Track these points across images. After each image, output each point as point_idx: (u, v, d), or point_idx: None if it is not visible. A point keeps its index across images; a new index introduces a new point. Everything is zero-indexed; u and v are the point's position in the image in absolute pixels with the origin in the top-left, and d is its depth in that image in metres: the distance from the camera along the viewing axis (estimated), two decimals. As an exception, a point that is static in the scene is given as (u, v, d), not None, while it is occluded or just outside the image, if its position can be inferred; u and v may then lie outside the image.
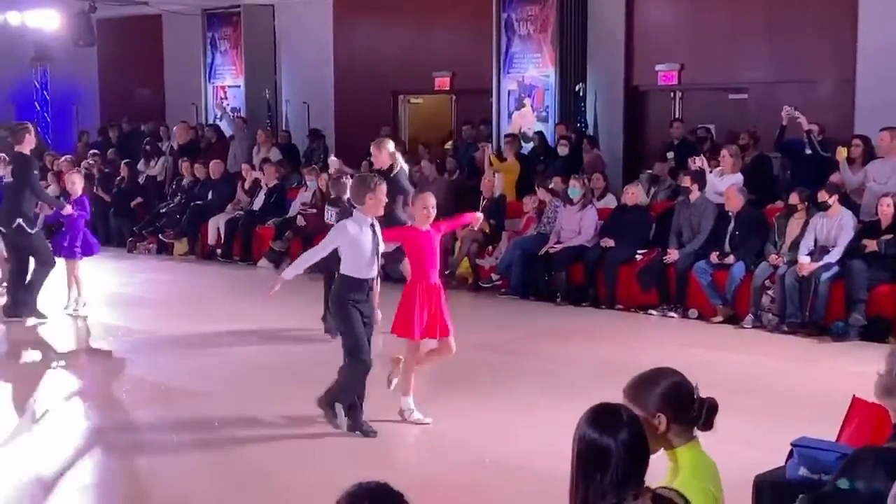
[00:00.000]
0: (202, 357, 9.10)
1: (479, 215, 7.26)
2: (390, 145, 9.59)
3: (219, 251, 15.38)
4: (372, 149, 9.57)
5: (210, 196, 16.05)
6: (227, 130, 18.38)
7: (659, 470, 3.05)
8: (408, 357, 6.85)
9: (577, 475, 2.76)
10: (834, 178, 10.57)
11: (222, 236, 15.38)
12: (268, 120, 18.61)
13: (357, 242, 6.51)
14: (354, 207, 6.85)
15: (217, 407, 7.39)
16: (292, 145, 17.87)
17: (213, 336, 9.82)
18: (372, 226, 6.60)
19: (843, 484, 3.11)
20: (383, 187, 6.61)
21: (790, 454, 4.31)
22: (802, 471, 4.16)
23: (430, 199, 6.84)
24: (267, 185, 15.38)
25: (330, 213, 9.57)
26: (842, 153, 10.59)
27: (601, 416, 2.80)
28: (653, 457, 2.86)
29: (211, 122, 19.30)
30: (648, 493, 2.78)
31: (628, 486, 2.73)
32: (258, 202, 15.40)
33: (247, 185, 15.78)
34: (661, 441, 3.08)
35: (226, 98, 19.80)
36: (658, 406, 3.07)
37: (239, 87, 19.51)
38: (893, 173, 10.44)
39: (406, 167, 9.81)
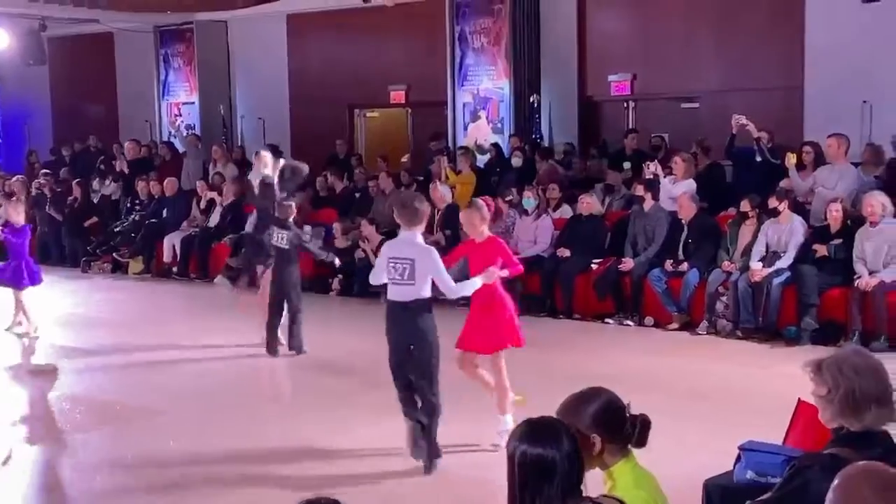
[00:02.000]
0: (160, 376, 9.05)
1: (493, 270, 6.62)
2: (269, 157, 10.23)
3: (175, 269, 15.32)
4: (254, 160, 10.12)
5: (165, 214, 15.99)
6: (181, 147, 18.30)
7: (596, 483, 3.10)
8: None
9: (521, 491, 2.80)
10: (784, 183, 10.74)
11: (178, 254, 15.32)
12: (223, 136, 18.57)
13: None
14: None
15: (173, 426, 7.36)
16: (248, 161, 17.79)
17: (170, 355, 9.78)
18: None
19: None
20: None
21: (738, 458, 4.38)
22: (750, 474, 4.23)
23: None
24: (223, 203, 15.33)
25: (281, 237, 9.54)
26: (790, 159, 10.76)
27: (540, 430, 2.85)
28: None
29: (165, 139, 19.21)
30: (588, 503, 2.84)
31: (571, 497, 2.79)
32: (214, 219, 15.35)
33: (202, 203, 15.73)
34: (596, 460, 3.12)
35: (179, 115, 19.73)
36: (591, 426, 3.11)
37: (193, 103, 19.44)
38: (841, 179, 10.62)
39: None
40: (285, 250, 9.52)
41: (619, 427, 3.20)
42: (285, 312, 9.59)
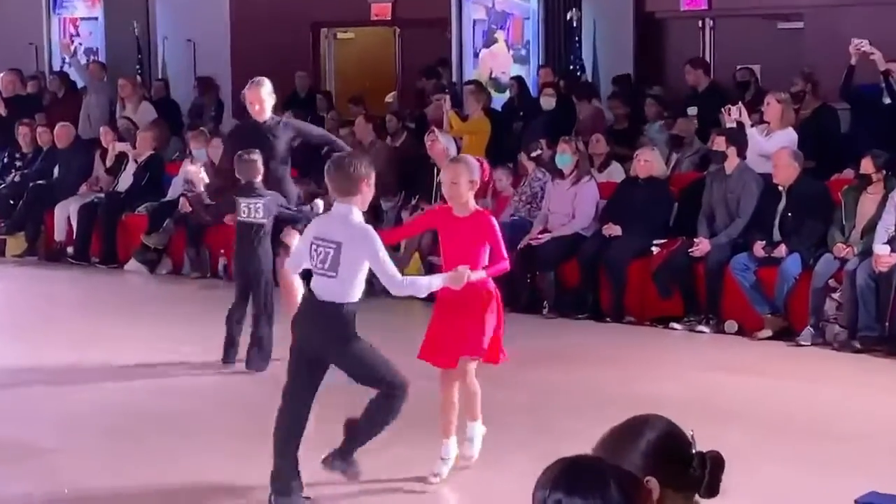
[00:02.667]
0: (52, 399, 9.07)
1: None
2: (269, 86, 9.92)
3: (70, 250, 15.33)
4: (252, 94, 9.84)
5: (57, 173, 15.99)
6: (80, 81, 18.32)
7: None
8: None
9: None
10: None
11: (74, 229, 15.33)
12: (137, 65, 18.57)
13: None
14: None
15: (71, 468, 7.40)
16: (171, 100, 17.84)
17: (65, 370, 9.80)
18: None
19: None
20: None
21: (854, 514, 4.44)
22: (870, 536, 4.29)
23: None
24: (137, 159, 15.35)
25: (253, 207, 9.49)
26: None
27: (580, 474, 2.87)
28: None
29: (56, 69, 19.23)
30: None
31: None
32: (125, 181, 15.36)
33: (108, 159, 15.73)
34: None
35: (77, 35, 19.71)
36: (644, 467, 3.12)
37: (96, 19, 19.45)
38: None
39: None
40: (257, 226, 9.49)
41: (683, 468, 3.23)
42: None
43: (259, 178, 9.55)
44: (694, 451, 3.25)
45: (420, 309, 9.84)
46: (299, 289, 9.26)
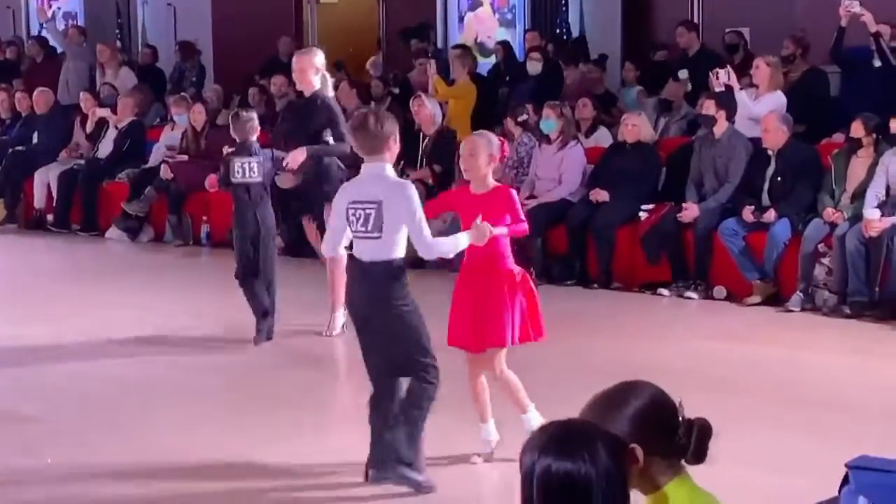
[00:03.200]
0: (32, 370, 9.05)
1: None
2: (319, 58, 9.71)
3: (50, 217, 15.33)
4: (296, 62, 9.69)
5: (36, 139, 15.95)
6: (59, 46, 18.24)
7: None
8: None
9: None
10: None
11: (54, 196, 15.31)
12: (117, 30, 18.51)
13: None
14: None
15: (53, 438, 7.39)
16: (153, 66, 17.76)
17: (46, 340, 9.78)
18: None
19: None
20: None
21: (845, 479, 4.42)
22: (862, 501, 4.27)
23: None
24: (118, 125, 15.30)
25: (248, 166, 9.37)
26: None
27: (569, 438, 2.86)
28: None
29: (35, 34, 19.14)
30: None
31: None
32: (105, 147, 15.33)
33: (88, 125, 15.70)
34: (636, 480, 3.14)
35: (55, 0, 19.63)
36: (629, 434, 3.12)
37: (75, -18, 19.36)
38: None
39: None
40: (255, 186, 9.39)
41: (669, 435, 3.23)
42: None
43: (255, 138, 9.45)
44: (681, 418, 3.25)
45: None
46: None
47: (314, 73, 9.65)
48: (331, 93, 9.94)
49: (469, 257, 6.58)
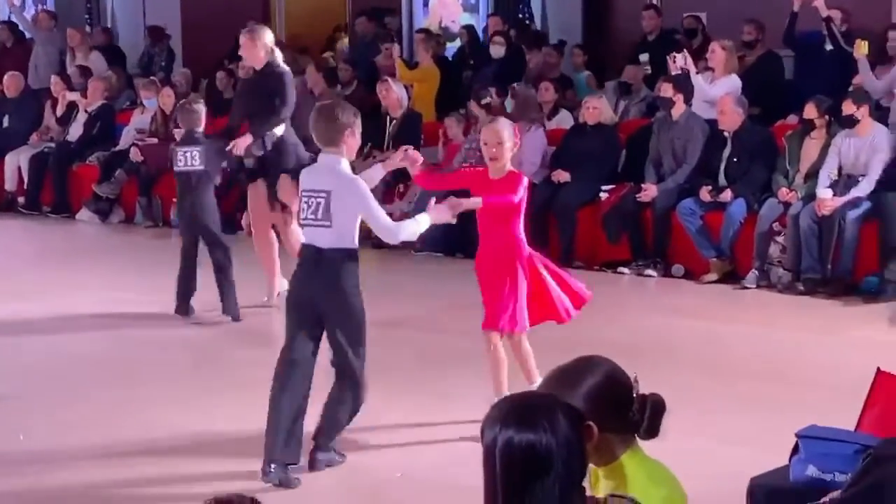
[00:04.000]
0: (4, 348, 9.05)
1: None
2: (268, 36, 9.72)
3: (21, 200, 15.27)
4: (242, 40, 9.68)
5: (6, 122, 15.88)
6: (27, 32, 18.14)
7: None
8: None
9: (505, 492, 2.87)
10: (859, 80, 10.84)
11: (25, 179, 15.25)
12: (86, 15, 18.41)
13: None
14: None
15: (24, 416, 7.39)
16: (116, 47, 17.71)
17: (18, 318, 9.77)
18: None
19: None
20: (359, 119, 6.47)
21: (795, 448, 4.50)
22: (811, 470, 4.35)
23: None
24: (88, 109, 15.24)
25: (190, 155, 9.49)
26: (861, 48, 10.80)
27: (529, 409, 2.90)
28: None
29: (4, 19, 19.01)
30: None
31: (572, 495, 2.86)
32: (75, 130, 15.27)
33: (59, 108, 15.63)
34: (593, 455, 3.16)
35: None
36: (586, 411, 3.14)
37: (44, -33, 19.22)
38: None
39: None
40: (198, 173, 9.49)
41: (624, 411, 3.27)
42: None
43: (200, 128, 9.53)
44: (636, 394, 3.29)
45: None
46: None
47: (261, 49, 9.63)
48: (284, 67, 9.91)
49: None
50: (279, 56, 9.78)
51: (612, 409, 3.24)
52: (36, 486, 6.32)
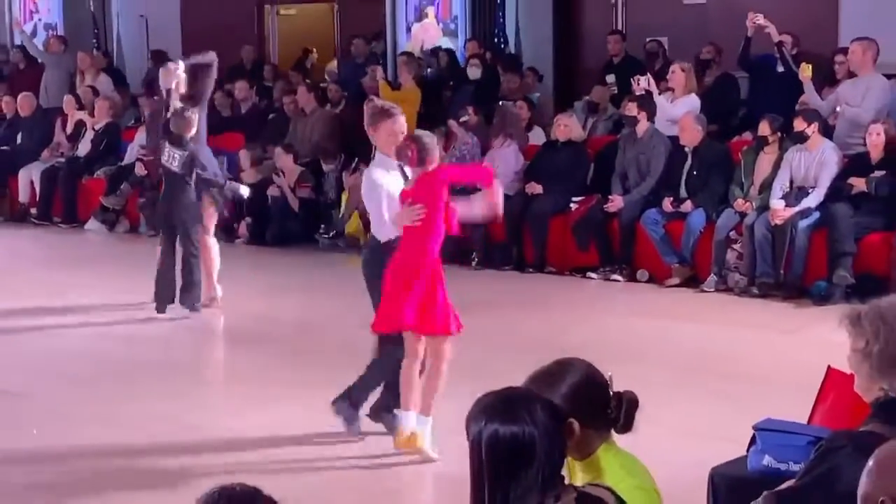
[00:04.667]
0: (16, 348, 9.02)
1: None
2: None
3: (33, 211, 15.22)
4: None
5: (20, 139, 15.83)
6: (38, 57, 18.08)
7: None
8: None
9: (492, 482, 2.86)
10: (805, 98, 10.86)
11: (37, 191, 15.20)
12: (94, 40, 18.35)
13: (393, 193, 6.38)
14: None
15: (35, 412, 7.36)
16: (115, 69, 17.71)
17: (29, 318, 9.74)
18: (400, 167, 6.50)
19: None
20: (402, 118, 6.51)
21: (752, 440, 4.50)
22: (767, 460, 4.35)
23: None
24: (95, 127, 15.21)
25: (173, 155, 9.52)
26: (806, 71, 10.82)
27: (511, 403, 2.90)
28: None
29: (18, 42, 18.95)
30: (572, 493, 2.91)
31: (552, 485, 2.85)
32: (84, 147, 15.24)
33: (68, 126, 15.60)
34: (572, 450, 3.16)
35: (36, 11, 19.42)
36: (567, 409, 3.13)
37: (54, -4, 19.18)
38: (868, 93, 10.68)
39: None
40: (176, 175, 9.53)
41: (601, 409, 3.26)
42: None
43: (189, 134, 9.54)
44: (611, 392, 3.29)
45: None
46: (213, 248, 9.61)
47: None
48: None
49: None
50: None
51: (591, 406, 3.23)
52: (45, 480, 6.29)
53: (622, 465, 3.26)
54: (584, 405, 3.21)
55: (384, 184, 6.40)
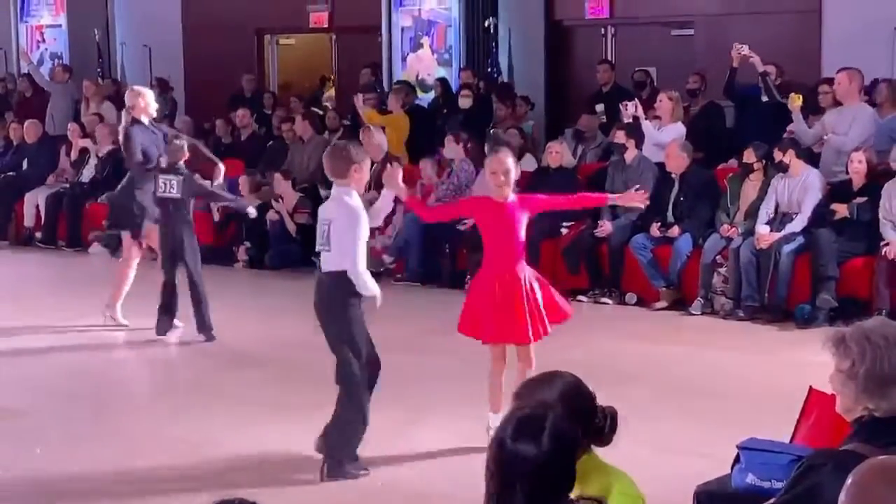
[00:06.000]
0: (22, 368, 9.02)
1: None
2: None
3: (38, 235, 15.21)
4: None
5: (25, 165, 15.84)
6: (44, 86, 18.12)
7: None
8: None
9: (495, 486, 2.90)
10: (793, 127, 10.90)
11: (42, 216, 15.20)
12: (98, 68, 18.39)
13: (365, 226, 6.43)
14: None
15: (41, 431, 7.35)
16: (121, 98, 17.69)
17: (35, 341, 9.73)
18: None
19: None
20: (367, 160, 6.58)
21: (736, 459, 4.51)
22: (750, 478, 4.36)
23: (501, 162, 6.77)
24: (99, 153, 15.23)
25: (169, 184, 9.52)
26: (795, 101, 10.86)
27: (525, 421, 2.94)
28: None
29: (24, 71, 19.00)
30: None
31: (561, 498, 2.89)
32: (88, 172, 15.25)
33: (73, 153, 15.62)
34: None
35: (43, 41, 19.47)
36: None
37: (60, 26, 19.21)
38: (855, 122, 10.72)
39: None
40: (176, 202, 9.50)
41: (588, 418, 3.29)
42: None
43: (182, 161, 9.57)
44: (597, 405, 3.32)
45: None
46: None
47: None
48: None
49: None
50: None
51: (580, 416, 3.27)
52: (46, 495, 6.28)
53: (606, 472, 3.31)
54: (573, 413, 3.24)
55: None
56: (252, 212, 10.24)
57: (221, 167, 10.38)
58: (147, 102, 10.13)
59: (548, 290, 6.88)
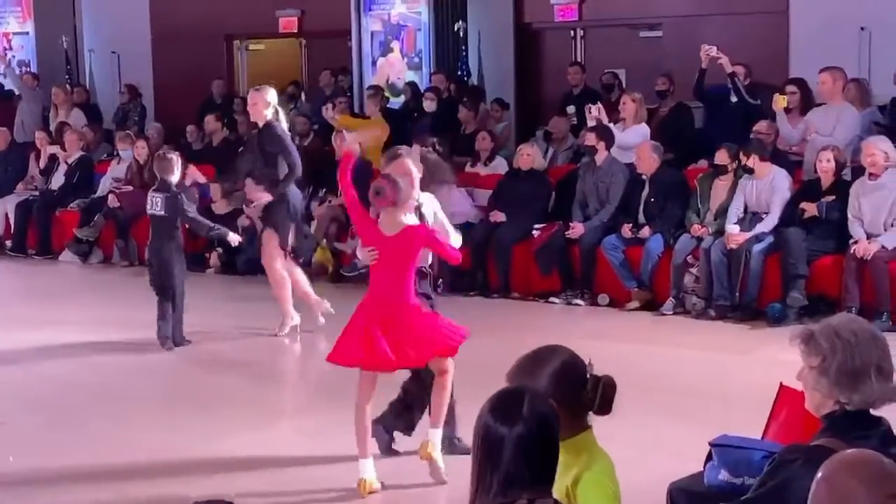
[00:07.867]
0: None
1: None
2: (271, 94, 9.82)
3: (8, 243, 15.14)
4: (249, 97, 9.89)
5: (-6, 173, 15.78)
6: (15, 89, 18.05)
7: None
8: None
9: (473, 464, 3.02)
10: (759, 127, 10.96)
11: (12, 224, 15.13)
12: (66, 75, 18.33)
13: None
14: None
15: (13, 439, 7.33)
16: (93, 105, 17.68)
17: (5, 351, 9.68)
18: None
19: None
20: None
21: (709, 456, 4.55)
22: (723, 474, 4.40)
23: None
24: (68, 160, 15.18)
25: (154, 201, 9.49)
26: (780, 103, 10.91)
27: (502, 401, 3.01)
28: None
29: (-6, 77, 18.96)
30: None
31: (518, 488, 2.92)
32: (57, 180, 15.19)
33: (42, 160, 15.55)
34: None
35: (10, 48, 19.39)
36: (547, 390, 3.26)
37: (27, 33, 19.14)
38: (839, 123, 10.80)
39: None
40: (164, 219, 9.48)
41: (580, 389, 3.37)
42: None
43: (172, 177, 9.49)
44: (589, 375, 3.41)
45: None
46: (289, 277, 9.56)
47: (265, 106, 9.70)
48: (284, 125, 9.97)
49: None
50: (282, 115, 9.90)
51: (570, 388, 3.35)
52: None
53: (592, 455, 3.41)
54: (564, 386, 3.43)
55: None
56: (234, 239, 10.16)
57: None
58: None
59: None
